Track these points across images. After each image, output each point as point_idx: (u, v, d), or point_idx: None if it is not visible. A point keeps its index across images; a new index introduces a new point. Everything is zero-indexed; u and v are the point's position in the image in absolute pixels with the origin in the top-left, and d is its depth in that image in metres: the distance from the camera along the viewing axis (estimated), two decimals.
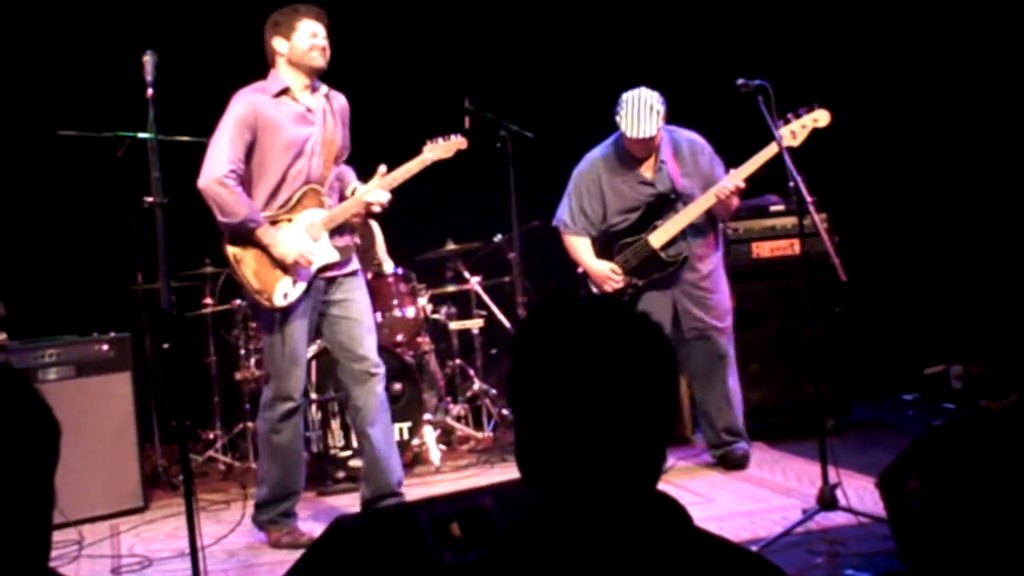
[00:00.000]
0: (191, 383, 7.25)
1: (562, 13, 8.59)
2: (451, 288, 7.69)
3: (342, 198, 5.58)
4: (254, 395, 6.98)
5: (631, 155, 6.15)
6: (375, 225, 7.87)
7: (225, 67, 7.85)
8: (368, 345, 5.51)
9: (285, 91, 5.35)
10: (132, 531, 5.92)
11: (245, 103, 5.29)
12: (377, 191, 5.50)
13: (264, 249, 5.29)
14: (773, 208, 7.01)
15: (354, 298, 5.52)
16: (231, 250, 5.32)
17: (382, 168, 5.54)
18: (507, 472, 6.35)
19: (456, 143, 5.70)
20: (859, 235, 7.37)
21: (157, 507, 6.37)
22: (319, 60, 5.34)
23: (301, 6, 5.37)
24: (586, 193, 6.25)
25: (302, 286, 5.34)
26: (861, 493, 5.14)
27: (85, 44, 7.73)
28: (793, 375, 6.75)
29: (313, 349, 6.65)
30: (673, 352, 1.64)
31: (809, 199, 4.95)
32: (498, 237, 7.70)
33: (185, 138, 6.62)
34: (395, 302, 7.09)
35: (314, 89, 5.45)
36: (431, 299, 7.33)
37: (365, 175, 5.63)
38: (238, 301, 7.08)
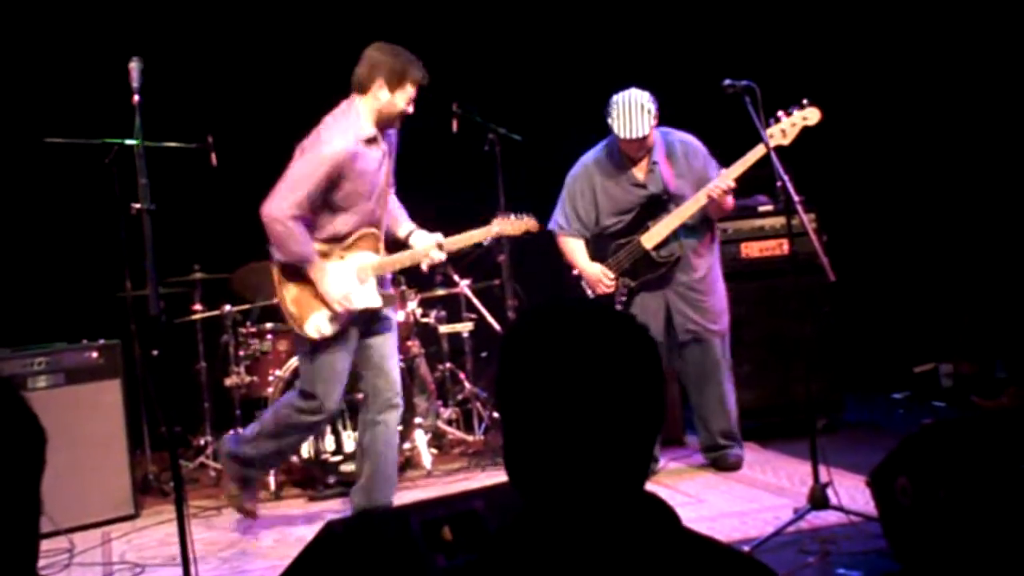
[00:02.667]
0: (181, 389, 7.23)
1: (551, 16, 8.59)
2: (440, 292, 7.67)
3: (388, 231, 5.68)
4: (245, 401, 6.97)
5: (624, 157, 6.14)
6: None
7: (212, 73, 7.90)
8: (396, 377, 5.70)
9: (372, 139, 5.40)
10: (123, 538, 5.91)
11: (342, 148, 5.28)
12: (435, 251, 5.63)
13: (309, 281, 5.38)
14: (761, 208, 7.03)
15: (390, 332, 5.71)
16: (277, 273, 5.46)
17: (439, 236, 5.67)
18: (498, 475, 6.35)
19: (526, 224, 5.83)
20: (847, 234, 7.38)
21: (148, 514, 6.36)
22: (405, 115, 5.47)
23: (415, 65, 5.41)
24: (579, 196, 6.25)
25: (337, 327, 5.43)
26: (852, 492, 5.16)
27: (71, 51, 7.70)
28: (784, 375, 6.76)
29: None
30: (658, 353, 1.64)
31: (797, 198, 4.96)
32: (487, 240, 7.69)
33: (172, 144, 6.63)
34: None
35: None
36: (420, 303, 7.32)
37: None
38: (227, 307, 7.07)
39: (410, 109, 5.43)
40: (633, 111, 5.90)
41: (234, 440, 5.77)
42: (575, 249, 6.28)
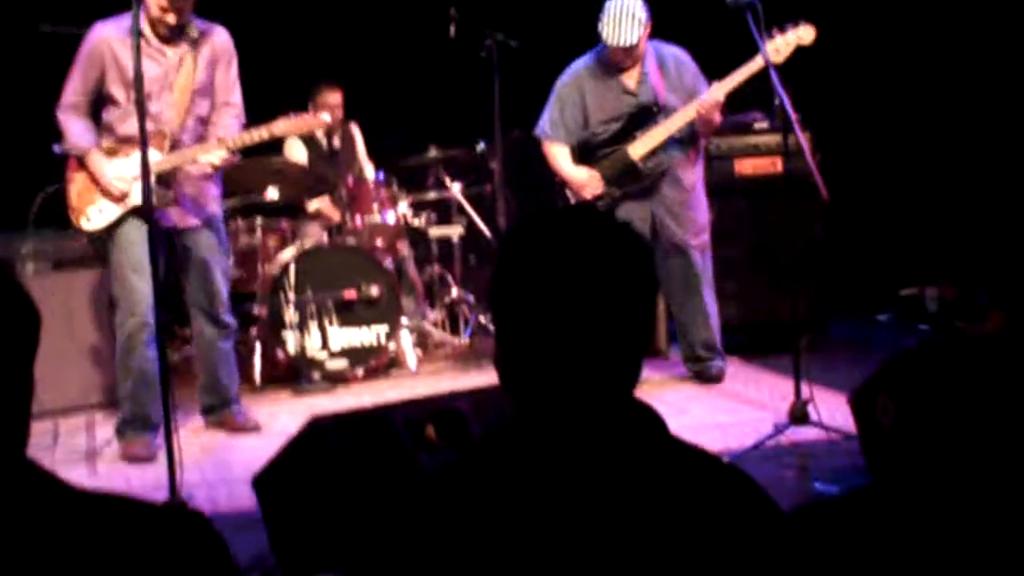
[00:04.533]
0: (170, 281, 7.23)
1: None
2: (432, 195, 7.66)
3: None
4: (233, 295, 6.96)
5: (614, 65, 6.10)
6: (355, 129, 7.83)
7: None
8: (220, 301, 5.60)
9: (143, 36, 5.10)
10: (107, 423, 5.94)
11: (95, 37, 5.27)
12: (214, 153, 5.30)
13: (91, 175, 5.33)
14: (757, 125, 6.99)
15: (204, 249, 5.52)
16: (68, 170, 5.41)
17: (221, 135, 5.36)
18: (483, 378, 6.38)
19: (313, 122, 5.61)
20: (841, 154, 7.35)
21: None
22: (169, 23, 5.23)
23: None
24: (568, 101, 6.20)
25: (112, 213, 5.32)
26: (833, 410, 5.19)
27: None
28: (770, 292, 6.77)
29: (292, 251, 6.65)
30: (653, 261, 1.64)
31: (794, 116, 4.94)
32: (481, 145, 7.67)
33: None
34: (375, 207, 7.09)
35: (176, 33, 5.30)
36: (412, 204, 7.31)
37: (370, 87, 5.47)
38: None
39: (169, 19, 5.18)
40: (624, 19, 5.84)
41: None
42: (559, 154, 6.24)
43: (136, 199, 5.19)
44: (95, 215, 5.33)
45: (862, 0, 8.07)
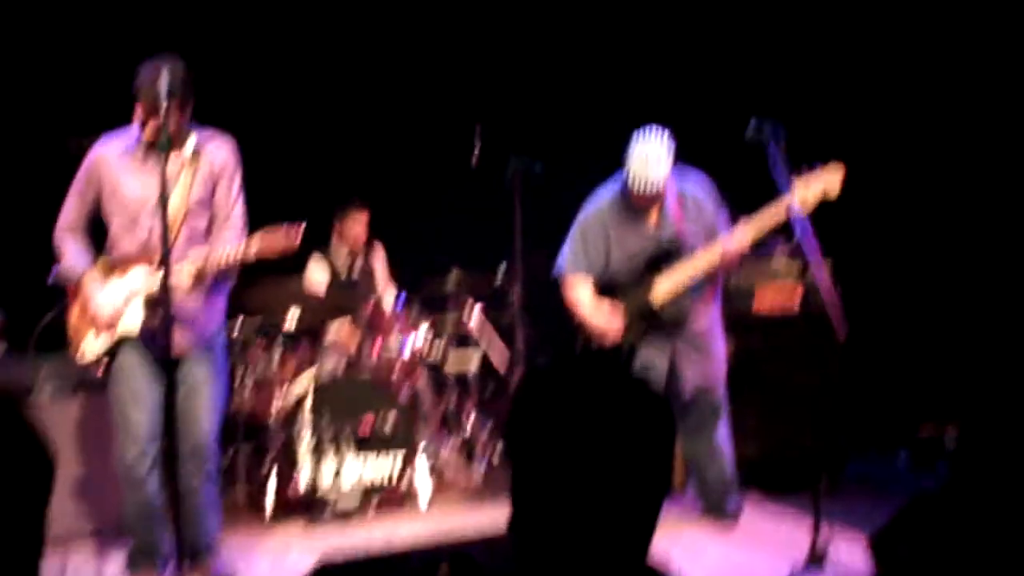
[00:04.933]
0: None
1: (573, 46, 8.61)
2: (451, 318, 7.61)
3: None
4: (247, 422, 6.95)
5: (637, 204, 6.08)
6: (380, 249, 7.88)
7: (227, 82, 7.91)
8: (204, 428, 5.21)
9: (147, 151, 5.05)
10: (118, 555, 5.87)
11: (90, 156, 5.13)
12: (184, 272, 4.95)
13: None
14: (774, 264, 6.96)
15: (194, 383, 5.18)
16: (70, 296, 5.19)
17: (192, 254, 5.03)
18: (496, 513, 6.32)
19: (286, 243, 4.99)
20: (861, 283, 7.32)
21: None
22: (152, 139, 4.97)
23: (144, 78, 4.85)
24: (591, 236, 6.13)
25: (102, 345, 5.08)
26: (851, 551, 5.12)
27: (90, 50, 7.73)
28: (788, 428, 6.72)
29: (307, 381, 6.65)
30: (673, 420, 1.63)
31: (814, 247, 4.89)
32: (502, 267, 7.64)
33: None
34: (394, 334, 7.10)
35: (163, 147, 4.83)
36: (432, 325, 7.30)
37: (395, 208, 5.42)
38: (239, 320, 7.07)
39: (145, 134, 4.96)
40: (650, 165, 5.80)
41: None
42: (581, 294, 6.13)
43: (128, 324, 5.06)
44: (89, 346, 5.11)
45: (885, 131, 8.13)
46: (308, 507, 6.54)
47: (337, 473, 6.53)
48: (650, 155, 5.83)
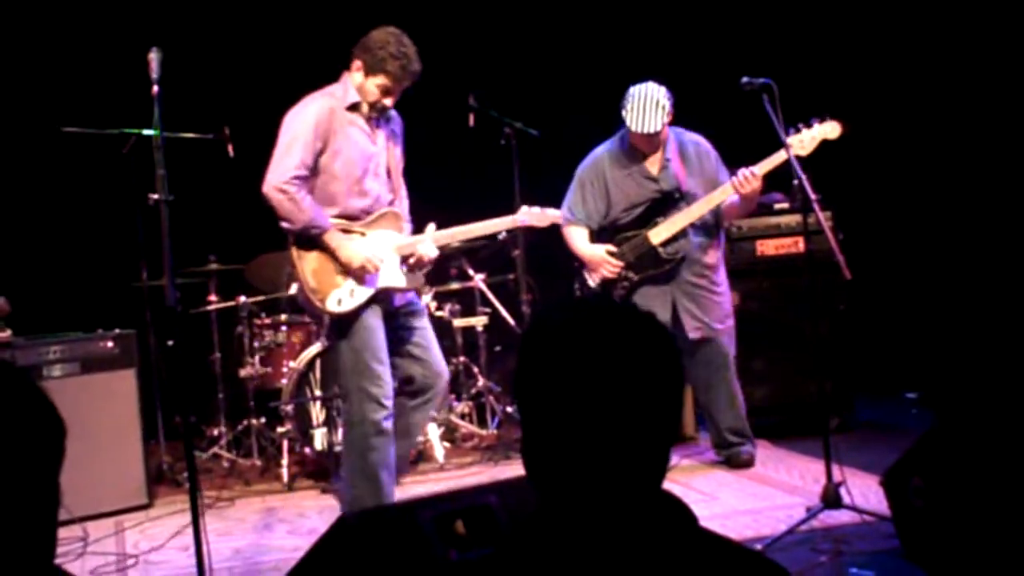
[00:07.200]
0: (196, 380, 7.27)
1: (568, 8, 8.58)
2: (455, 285, 7.67)
3: None
4: (258, 392, 7.00)
5: (637, 150, 6.13)
6: None
7: (229, 63, 7.91)
8: (440, 365, 5.61)
9: (355, 106, 5.27)
10: (136, 528, 5.92)
11: (319, 107, 5.20)
12: (427, 245, 5.36)
13: (330, 253, 5.18)
14: (777, 206, 7.00)
15: (424, 328, 5.55)
16: (295, 248, 5.21)
17: (431, 225, 5.43)
18: (511, 469, 6.37)
19: (552, 217, 5.82)
20: (863, 232, 7.34)
21: (162, 504, 6.37)
22: (379, 108, 5.29)
23: (399, 61, 5.19)
24: (590, 187, 6.22)
25: (363, 295, 5.20)
26: (865, 491, 5.15)
27: (90, 41, 7.73)
28: (797, 373, 6.74)
29: (316, 348, 6.67)
30: (679, 353, 1.63)
31: (813, 197, 4.94)
32: (502, 234, 7.69)
33: (190, 135, 6.65)
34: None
35: (380, 113, 5.34)
36: (435, 296, 7.33)
37: None
38: (242, 298, 7.09)
39: (387, 102, 5.25)
40: (648, 106, 5.89)
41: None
42: (576, 235, 6.25)
43: (385, 281, 5.24)
44: (346, 298, 5.17)
45: (880, 77, 8.13)
46: (324, 471, 6.58)
47: None
48: (648, 95, 5.93)
